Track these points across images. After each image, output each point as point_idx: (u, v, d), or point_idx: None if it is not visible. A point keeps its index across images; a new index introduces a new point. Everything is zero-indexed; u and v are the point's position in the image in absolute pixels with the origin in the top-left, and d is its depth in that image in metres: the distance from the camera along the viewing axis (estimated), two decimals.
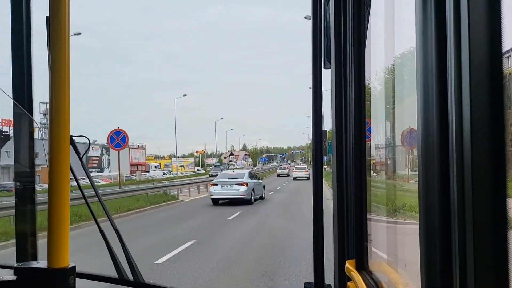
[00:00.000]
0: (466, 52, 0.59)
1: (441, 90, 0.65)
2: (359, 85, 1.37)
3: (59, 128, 0.97)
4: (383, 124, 1.89)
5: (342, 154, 1.46)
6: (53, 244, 0.96)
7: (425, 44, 0.69)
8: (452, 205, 0.62)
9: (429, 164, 0.67)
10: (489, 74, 0.58)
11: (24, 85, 1.72)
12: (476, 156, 0.58)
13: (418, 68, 0.71)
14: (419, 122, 0.70)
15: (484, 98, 0.58)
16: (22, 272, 0.99)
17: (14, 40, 1.72)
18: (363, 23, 1.38)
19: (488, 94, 0.58)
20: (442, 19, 0.65)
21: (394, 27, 1.36)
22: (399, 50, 1.38)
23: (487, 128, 0.58)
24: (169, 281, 6.90)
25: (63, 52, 0.98)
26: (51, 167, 0.97)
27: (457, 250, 0.62)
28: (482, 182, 0.58)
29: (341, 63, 1.46)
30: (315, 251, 1.54)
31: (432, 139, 0.67)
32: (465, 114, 0.59)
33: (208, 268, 7.78)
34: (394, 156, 1.98)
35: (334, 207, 1.51)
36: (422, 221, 0.70)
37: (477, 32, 0.58)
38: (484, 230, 0.58)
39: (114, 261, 1.57)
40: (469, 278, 0.59)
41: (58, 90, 0.97)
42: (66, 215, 0.98)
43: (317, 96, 1.57)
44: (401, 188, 1.94)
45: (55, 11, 0.98)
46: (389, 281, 1.29)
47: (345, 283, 1.41)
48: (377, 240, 1.59)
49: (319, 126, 1.58)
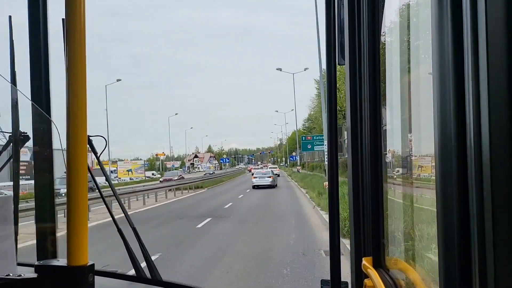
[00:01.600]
0: (484, 48, 0.58)
1: (458, 87, 0.64)
2: (374, 82, 1.36)
3: (76, 128, 0.98)
4: (399, 120, 1.87)
5: (357, 151, 1.45)
6: (72, 242, 0.97)
7: (441, 40, 0.68)
8: (471, 203, 0.62)
9: (446, 163, 0.67)
10: (508, 74, 0.57)
11: (42, 86, 1.74)
12: (494, 155, 0.57)
13: (434, 64, 0.70)
14: (436, 120, 0.70)
15: (502, 98, 0.57)
16: (42, 270, 1.00)
17: (31, 42, 1.75)
18: (378, 19, 1.36)
19: (507, 94, 0.57)
20: (458, 14, 0.64)
21: (409, 22, 1.34)
22: (414, 46, 1.36)
23: (506, 129, 0.57)
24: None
25: (80, 53, 0.99)
26: (69, 166, 0.98)
27: (476, 248, 0.61)
28: (501, 181, 0.57)
29: (355, 59, 1.45)
30: (331, 249, 1.54)
31: (449, 137, 0.66)
32: (483, 113, 0.58)
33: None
34: (411, 152, 1.95)
35: (350, 203, 1.50)
36: (440, 219, 0.69)
37: (495, 28, 0.57)
38: (504, 229, 0.57)
39: (132, 259, 1.59)
40: (489, 277, 0.59)
41: (75, 91, 0.98)
42: (85, 213, 1.00)
43: (331, 93, 1.56)
44: (418, 184, 1.92)
45: (71, 13, 0.99)
46: (406, 278, 1.28)
47: (362, 280, 1.40)
48: (394, 237, 1.58)
49: (334, 122, 1.57)
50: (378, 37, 1.38)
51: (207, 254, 10.07)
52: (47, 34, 1.76)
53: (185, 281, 1.69)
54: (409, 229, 1.73)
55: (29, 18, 1.74)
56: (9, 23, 1.64)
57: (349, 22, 1.47)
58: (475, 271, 0.61)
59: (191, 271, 8.44)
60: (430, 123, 0.73)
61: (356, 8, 1.43)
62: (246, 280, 7.83)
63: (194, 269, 8.65)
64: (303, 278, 7.88)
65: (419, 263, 1.37)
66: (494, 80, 0.57)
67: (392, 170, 2.03)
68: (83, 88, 1.00)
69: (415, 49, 1.38)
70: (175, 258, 9.60)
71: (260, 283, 7.51)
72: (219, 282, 7.66)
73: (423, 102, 1.30)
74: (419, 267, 1.31)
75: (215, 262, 9.21)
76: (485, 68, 0.58)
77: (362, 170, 1.43)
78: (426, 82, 0.87)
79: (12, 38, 1.64)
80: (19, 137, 1.59)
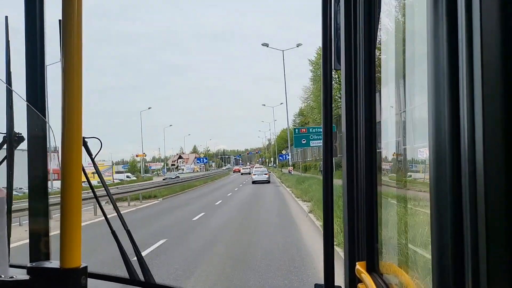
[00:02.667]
0: (478, 53, 0.59)
1: (453, 90, 0.64)
2: (369, 86, 1.36)
3: (72, 129, 0.98)
4: (394, 124, 1.88)
5: (352, 155, 1.46)
6: (66, 244, 0.97)
7: (436, 44, 0.68)
8: (465, 207, 0.62)
9: (440, 165, 0.67)
10: (502, 75, 0.57)
11: (37, 87, 1.74)
12: (488, 159, 0.58)
13: (429, 68, 0.71)
14: (431, 125, 0.70)
15: (496, 99, 0.57)
16: (35, 272, 1.00)
17: (27, 43, 1.75)
18: (374, 23, 1.37)
19: (501, 95, 0.57)
20: (453, 19, 0.64)
21: (405, 27, 1.35)
22: (410, 50, 1.37)
23: (500, 128, 0.57)
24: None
25: (76, 55, 0.99)
26: (63, 168, 0.98)
27: (469, 253, 0.61)
28: (495, 185, 0.58)
29: (351, 64, 1.46)
30: (325, 253, 1.54)
31: (444, 142, 0.66)
32: (477, 115, 0.59)
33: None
34: (405, 156, 1.96)
35: (345, 208, 1.51)
36: (434, 223, 0.70)
37: (490, 32, 0.58)
38: (497, 232, 0.58)
39: (125, 262, 1.58)
40: (482, 282, 0.59)
41: (71, 92, 0.98)
42: (79, 215, 0.99)
43: (327, 97, 1.57)
44: (413, 189, 1.93)
45: (67, 14, 0.99)
46: (400, 283, 1.29)
47: (355, 285, 1.40)
48: (388, 241, 1.58)
49: (329, 126, 1.58)
50: (374, 42, 1.39)
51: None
52: (44, 35, 1.76)
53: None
54: (403, 233, 1.73)
55: (25, 19, 1.74)
56: (6, 23, 1.64)
57: (345, 27, 1.48)
58: (468, 276, 0.61)
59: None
60: (425, 127, 0.73)
61: (352, 13, 1.44)
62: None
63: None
64: None
65: (412, 268, 1.37)
66: (488, 86, 0.58)
67: (387, 175, 2.04)
68: (79, 90, 0.99)
69: (410, 54, 1.39)
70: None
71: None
72: None
73: (418, 106, 1.31)
74: (413, 272, 1.31)
75: None
76: (479, 74, 0.59)
77: (357, 174, 1.43)
78: (422, 87, 0.88)
79: (8, 39, 1.64)
80: (13, 138, 1.59)
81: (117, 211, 1.65)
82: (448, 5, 0.66)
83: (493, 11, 0.58)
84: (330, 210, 1.54)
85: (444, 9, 0.67)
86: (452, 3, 0.65)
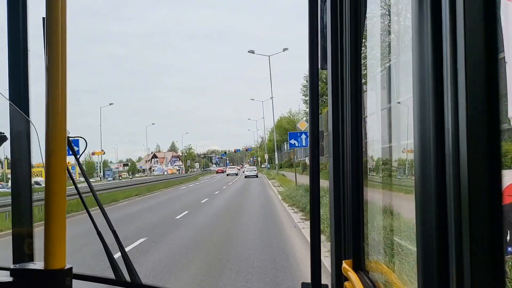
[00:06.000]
0: (462, 52, 0.60)
1: (437, 90, 0.65)
2: (355, 86, 1.37)
3: (56, 129, 0.97)
4: (380, 124, 1.90)
5: (339, 154, 1.47)
6: (50, 245, 0.96)
7: (421, 44, 0.69)
8: (449, 205, 0.63)
9: (425, 164, 0.68)
10: (485, 74, 0.58)
11: (20, 86, 1.71)
12: (471, 155, 0.58)
13: (414, 68, 0.71)
14: (416, 121, 0.71)
15: (479, 98, 0.58)
16: (18, 274, 0.98)
17: (10, 41, 1.71)
18: (360, 23, 1.38)
19: (484, 94, 0.58)
20: (438, 18, 0.65)
21: (390, 27, 1.36)
22: (395, 50, 1.38)
23: (483, 127, 0.58)
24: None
25: (60, 53, 0.97)
26: (47, 168, 0.97)
27: (453, 250, 0.62)
28: (478, 184, 0.58)
29: (337, 64, 1.47)
30: (312, 251, 1.55)
31: (428, 141, 0.67)
32: (461, 113, 0.60)
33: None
34: (391, 155, 1.98)
35: (331, 206, 1.51)
36: (419, 221, 0.71)
37: (473, 32, 0.59)
38: (481, 230, 0.58)
39: (111, 262, 1.56)
40: (466, 278, 0.60)
41: (55, 91, 0.97)
42: (63, 216, 0.98)
43: (314, 97, 1.57)
44: (398, 187, 1.95)
45: (51, 12, 0.98)
46: (386, 281, 1.30)
47: (342, 283, 1.41)
48: (374, 240, 1.59)
49: (316, 126, 1.58)
50: (360, 42, 1.39)
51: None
52: (27, 33, 1.73)
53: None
54: (389, 232, 1.75)
55: (8, 16, 1.71)
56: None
57: (332, 27, 1.48)
58: (452, 273, 0.62)
59: None
60: (410, 126, 0.74)
61: (338, 13, 1.45)
62: None
63: None
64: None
65: (398, 266, 1.38)
66: (472, 84, 0.59)
67: (374, 174, 2.05)
68: (63, 89, 0.98)
69: (396, 53, 1.41)
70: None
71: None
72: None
73: (403, 106, 1.32)
74: (399, 270, 1.32)
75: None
76: (463, 73, 0.60)
77: (343, 173, 1.44)
78: (407, 87, 0.89)
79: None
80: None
81: (103, 212, 1.63)
82: (432, 5, 0.67)
83: (477, 11, 0.59)
84: (316, 209, 1.55)
85: (429, 9, 0.67)
86: (436, 3, 0.66)
